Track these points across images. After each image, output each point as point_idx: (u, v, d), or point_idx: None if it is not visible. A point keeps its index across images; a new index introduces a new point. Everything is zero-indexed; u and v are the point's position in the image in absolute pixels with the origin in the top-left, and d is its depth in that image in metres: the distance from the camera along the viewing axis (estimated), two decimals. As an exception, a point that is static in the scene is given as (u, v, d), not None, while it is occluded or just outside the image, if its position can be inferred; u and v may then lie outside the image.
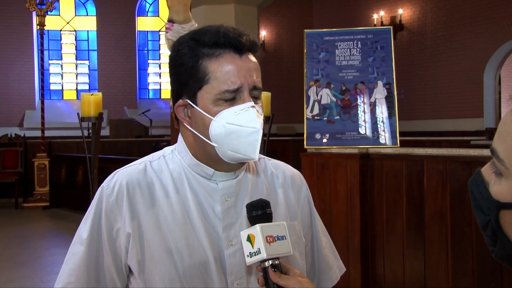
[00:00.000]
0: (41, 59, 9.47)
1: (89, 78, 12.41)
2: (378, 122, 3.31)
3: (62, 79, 12.37)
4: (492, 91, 9.27)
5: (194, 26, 3.06)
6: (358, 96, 3.37)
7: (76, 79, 12.43)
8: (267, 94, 4.51)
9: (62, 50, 12.35)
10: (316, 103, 3.42)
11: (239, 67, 1.08)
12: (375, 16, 10.74)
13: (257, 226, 0.97)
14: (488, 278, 2.68)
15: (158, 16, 12.79)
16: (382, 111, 3.32)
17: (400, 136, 3.31)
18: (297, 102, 10.61)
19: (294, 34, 12.08)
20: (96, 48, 12.18)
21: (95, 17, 12.16)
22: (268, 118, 4.61)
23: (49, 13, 9.41)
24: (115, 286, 1.13)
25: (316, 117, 3.40)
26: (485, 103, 9.24)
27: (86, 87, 12.32)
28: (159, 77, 12.86)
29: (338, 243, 2.88)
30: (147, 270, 1.09)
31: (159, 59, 12.85)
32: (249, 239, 0.97)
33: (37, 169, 8.96)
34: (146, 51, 12.76)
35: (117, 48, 12.08)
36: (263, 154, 1.28)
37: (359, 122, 3.34)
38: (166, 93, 12.58)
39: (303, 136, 3.44)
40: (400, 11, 10.47)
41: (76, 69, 12.42)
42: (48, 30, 11.24)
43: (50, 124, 10.36)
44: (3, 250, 5.90)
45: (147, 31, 12.76)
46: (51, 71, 12.21)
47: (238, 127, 1.06)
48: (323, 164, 3.40)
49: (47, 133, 9.45)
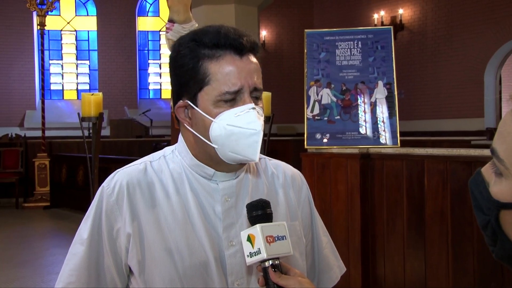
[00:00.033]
0: (42, 59, 9.48)
1: (89, 78, 12.41)
2: (378, 122, 3.31)
3: (62, 79, 12.37)
4: (492, 91, 9.26)
5: (195, 26, 3.06)
6: (358, 96, 3.37)
7: (77, 79, 12.43)
8: (267, 94, 4.51)
9: (63, 50, 12.35)
10: (316, 103, 3.42)
11: (239, 69, 1.07)
12: (375, 16, 10.73)
13: (257, 226, 0.97)
14: (488, 278, 2.68)
15: (159, 16, 12.79)
16: (382, 111, 3.32)
17: (400, 136, 3.31)
18: (297, 102, 10.59)
19: (294, 34, 12.08)
20: (96, 48, 12.18)
21: (96, 17, 12.16)
22: (268, 118, 4.61)
23: (49, 13, 9.42)
24: (115, 286, 1.13)
25: (316, 117, 3.40)
26: (486, 103, 9.23)
27: (87, 87, 12.32)
28: (159, 77, 12.85)
29: (339, 243, 2.88)
30: (147, 270, 1.09)
31: (160, 59, 12.85)
32: (249, 239, 0.97)
33: (38, 169, 8.97)
34: (146, 51, 12.76)
35: (118, 48, 12.08)
36: (263, 154, 1.28)
37: (360, 122, 3.33)
38: (167, 93, 12.58)
39: (304, 136, 3.44)
40: (400, 11, 10.47)
41: (77, 69, 12.41)
42: (48, 30, 11.24)
43: (51, 124, 10.36)
44: (4, 250, 5.90)
45: (148, 31, 12.75)
46: (51, 71, 12.21)
47: (239, 129, 1.06)
48: (323, 164, 3.39)
49: (48, 133, 9.45)
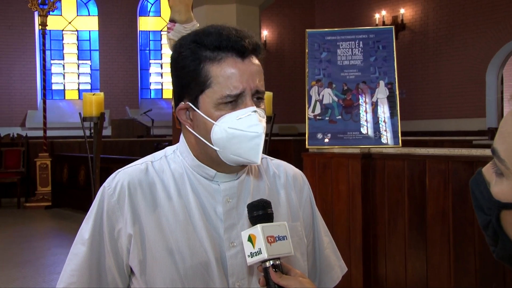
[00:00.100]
0: (43, 59, 9.48)
1: (91, 78, 12.42)
2: (380, 122, 3.31)
3: (64, 79, 12.38)
4: (494, 90, 9.24)
5: (196, 26, 3.06)
6: (360, 96, 3.36)
7: (78, 79, 12.44)
8: (268, 94, 4.50)
9: (64, 50, 12.36)
10: (318, 103, 3.42)
11: (241, 71, 1.06)
12: (377, 15, 10.73)
13: (258, 226, 0.97)
14: (490, 278, 2.68)
15: (160, 16, 12.79)
16: (384, 111, 3.32)
17: (402, 136, 3.30)
18: (298, 102, 10.61)
19: (295, 34, 12.07)
20: (98, 48, 12.19)
21: (97, 17, 12.17)
22: (269, 118, 4.61)
23: (51, 13, 9.42)
24: (116, 286, 1.13)
25: (318, 117, 3.40)
26: (487, 102, 9.21)
27: (88, 87, 12.33)
28: (160, 77, 12.86)
29: (340, 243, 2.88)
30: (148, 270, 1.09)
31: (161, 59, 12.86)
32: (250, 239, 0.97)
33: (39, 169, 8.98)
34: (148, 51, 12.77)
35: (119, 48, 12.09)
36: (265, 154, 1.27)
37: (361, 122, 3.33)
38: (168, 93, 12.58)
39: (305, 136, 3.43)
40: (402, 11, 10.46)
41: (78, 69, 12.43)
42: (50, 30, 11.24)
43: (52, 124, 10.38)
44: (5, 249, 5.91)
45: (149, 31, 12.77)
46: (53, 71, 12.22)
47: (240, 132, 1.05)
48: (324, 164, 3.39)
49: (49, 133, 9.46)
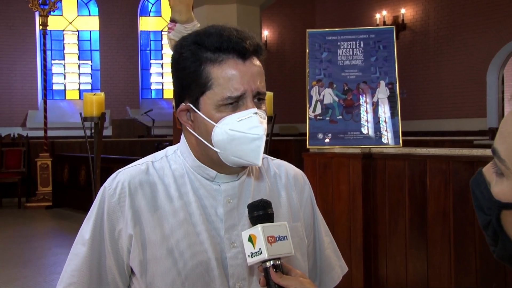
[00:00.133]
0: (44, 59, 9.49)
1: (91, 78, 12.42)
2: (380, 122, 3.31)
3: (64, 79, 12.39)
4: (495, 90, 9.24)
5: (197, 26, 3.07)
6: (360, 96, 3.36)
7: (79, 79, 12.45)
8: (269, 94, 4.50)
9: (65, 50, 12.37)
10: (318, 103, 3.42)
11: (242, 73, 1.05)
12: (377, 15, 10.72)
13: (259, 226, 0.97)
14: (490, 278, 2.68)
15: (161, 16, 12.80)
16: (384, 111, 3.31)
17: (402, 136, 3.30)
18: (299, 102, 10.60)
19: (296, 34, 12.07)
20: (98, 48, 12.20)
21: (98, 17, 12.18)
22: (270, 118, 4.61)
23: (51, 13, 9.43)
24: (117, 286, 1.13)
25: (318, 117, 3.40)
26: (488, 102, 9.21)
27: (89, 87, 12.34)
28: (161, 77, 12.86)
29: (341, 243, 2.87)
30: (149, 271, 1.09)
31: (162, 59, 12.86)
32: (251, 239, 0.97)
33: (40, 169, 8.98)
34: (148, 51, 12.77)
35: (120, 48, 12.10)
36: (266, 154, 1.27)
37: (362, 122, 3.33)
38: (169, 93, 12.58)
39: (306, 136, 3.43)
40: (402, 11, 10.46)
41: (79, 69, 12.43)
42: (50, 30, 11.24)
43: (53, 124, 10.39)
44: (6, 249, 5.91)
45: (150, 31, 12.77)
46: (53, 71, 12.23)
47: (241, 134, 1.05)
48: (325, 164, 3.39)
49: (50, 133, 9.47)
